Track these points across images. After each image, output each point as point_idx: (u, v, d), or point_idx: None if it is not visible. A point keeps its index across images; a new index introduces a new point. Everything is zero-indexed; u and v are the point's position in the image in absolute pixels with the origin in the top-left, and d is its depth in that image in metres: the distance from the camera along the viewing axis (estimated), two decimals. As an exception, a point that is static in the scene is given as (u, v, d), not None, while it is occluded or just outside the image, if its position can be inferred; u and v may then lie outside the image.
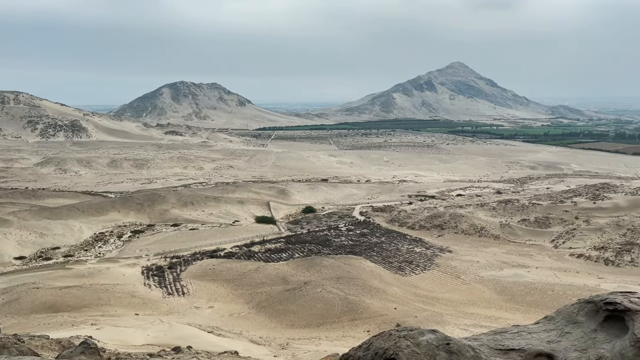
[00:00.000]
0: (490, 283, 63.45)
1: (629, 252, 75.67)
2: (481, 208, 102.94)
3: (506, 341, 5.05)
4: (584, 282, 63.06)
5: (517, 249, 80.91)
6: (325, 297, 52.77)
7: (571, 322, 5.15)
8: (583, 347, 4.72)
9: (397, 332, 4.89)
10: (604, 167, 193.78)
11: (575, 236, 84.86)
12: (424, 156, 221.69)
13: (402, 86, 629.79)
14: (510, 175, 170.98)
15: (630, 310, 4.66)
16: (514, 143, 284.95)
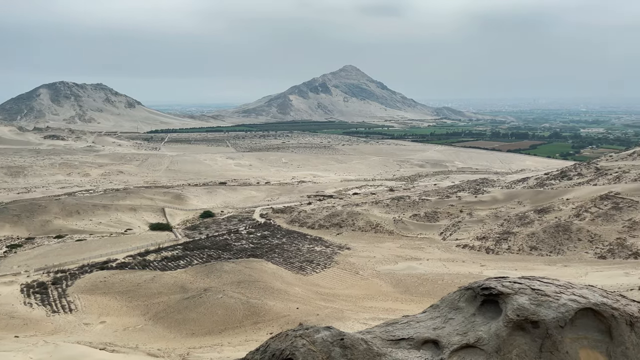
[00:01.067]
0: (386, 277, 66.39)
1: (505, 240, 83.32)
2: (376, 205, 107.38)
3: (397, 331, 5.31)
4: (469, 271, 68.26)
5: (409, 243, 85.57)
6: (226, 303, 51.80)
7: (454, 308, 5.55)
8: (464, 331, 5.11)
9: (294, 331, 4.94)
10: (483, 164, 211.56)
11: (461, 228, 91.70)
12: (321, 157, 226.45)
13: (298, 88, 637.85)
14: (401, 174, 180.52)
15: (503, 294, 5.13)
16: (404, 143, 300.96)
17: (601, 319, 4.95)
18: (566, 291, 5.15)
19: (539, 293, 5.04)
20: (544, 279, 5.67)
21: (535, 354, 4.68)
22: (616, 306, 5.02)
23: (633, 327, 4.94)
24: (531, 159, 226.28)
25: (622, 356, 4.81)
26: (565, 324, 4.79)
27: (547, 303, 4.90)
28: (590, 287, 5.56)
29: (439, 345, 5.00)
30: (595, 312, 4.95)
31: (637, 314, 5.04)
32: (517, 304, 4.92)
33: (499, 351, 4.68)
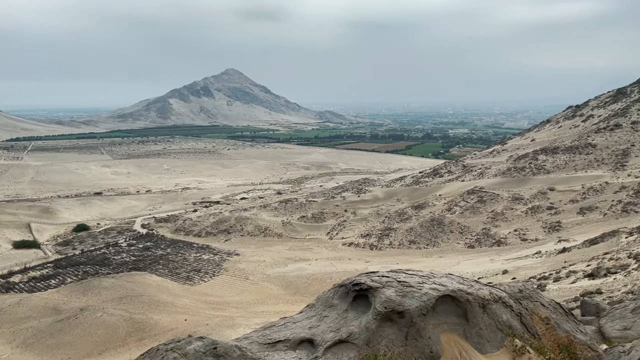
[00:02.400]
0: (276, 280, 66.61)
1: (387, 236, 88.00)
2: (264, 209, 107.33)
3: (274, 334, 5.37)
4: (355, 267, 70.96)
5: (298, 244, 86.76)
6: (107, 321, 48.34)
7: (328, 306, 5.75)
8: (337, 327, 5.32)
9: (165, 345, 4.75)
10: (365, 164, 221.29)
11: (346, 227, 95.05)
12: (206, 162, 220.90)
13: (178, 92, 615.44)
14: (288, 177, 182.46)
15: (372, 288, 5.43)
16: (290, 146, 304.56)
17: (458, 304, 5.46)
18: (428, 281, 5.59)
19: (404, 285, 5.42)
20: (409, 271, 6.08)
21: (401, 342, 5.01)
22: (470, 291, 5.56)
23: (485, 309, 5.51)
24: (407, 158, 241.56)
25: (477, 336, 5.34)
26: (427, 311, 5.21)
27: (411, 293, 5.29)
28: (449, 275, 6.08)
29: (314, 343, 5.15)
30: (453, 298, 5.44)
31: (488, 296, 5.62)
32: (385, 297, 5.24)
33: (369, 343, 4.95)
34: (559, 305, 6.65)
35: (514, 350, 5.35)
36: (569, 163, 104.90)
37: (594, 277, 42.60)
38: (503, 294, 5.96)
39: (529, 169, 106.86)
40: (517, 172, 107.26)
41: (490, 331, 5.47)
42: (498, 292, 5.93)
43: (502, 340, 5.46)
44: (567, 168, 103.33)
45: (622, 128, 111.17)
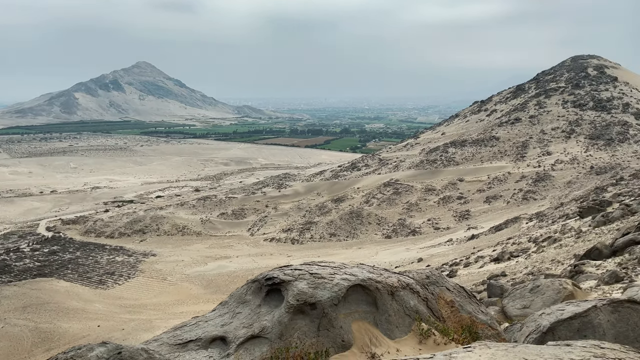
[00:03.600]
0: (196, 279, 65.06)
1: (308, 230, 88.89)
2: (182, 207, 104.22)
3: (185, 334, 5.25)
4: (277, 262, 71.02)
5: (219, 242, 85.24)
6: (9, 333, 44.73)
7: (241, 302, 5.72)
8: (250, 323, 5.31)
9: (64, 354, 4.47)
10: (285, 159, 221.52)
11: (267, 222, 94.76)
12: (118, 160, 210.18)
13: (85, 85, 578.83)
14: (206, 173, 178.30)
15: (285, 282, 5.48)
16: (207, 142, 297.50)
17: (368, 293, 5.66)
18: (339, 272, 5.74)
19: (316, 276, 5.52)
20: (322, 263, 6.20)
21: (314, 333, 5.11)
22: (380, 279, 5.79)
23: (394, 296, 5.76)
24: (326, 153, 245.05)
25: (386, 322, 5.57)
26: (338, 301, 5.34)
27: (323, 285, 5.40)
28: (359, 265, 6.28)
29: (227, 341, 5.10)
30: (364, 287, 5.63)
31: (396, 284, 5.88)
32: (297, 290, 5.31)
33: (282, 337, 4.99)
34: (463, 289, 7.10)
35: (421, 334, 5.65)
36: (476, 155, 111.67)
37: (499, 261, 45.80)
38: (411, 280, 6.26)
39: (440, 161, 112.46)
40: (430, 164, 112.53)
41: (398, 317, 5.72)
42: (406, 279, 6.22)
43: (410, 324, 5.73)
44: (475, 160, 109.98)
45: (521, 122, 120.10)
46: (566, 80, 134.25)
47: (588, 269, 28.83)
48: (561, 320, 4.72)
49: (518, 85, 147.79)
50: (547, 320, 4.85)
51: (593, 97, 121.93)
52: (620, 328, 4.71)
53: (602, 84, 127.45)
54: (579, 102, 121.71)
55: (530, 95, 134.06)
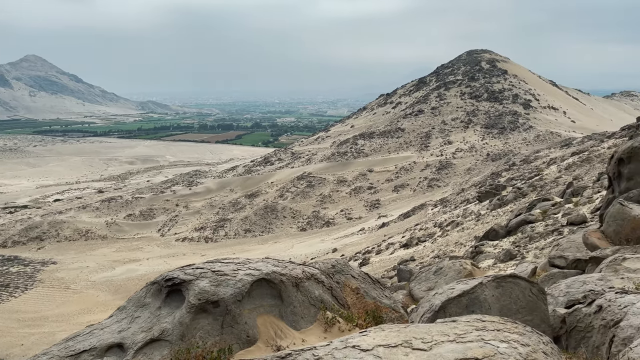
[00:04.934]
0: (103, 285, 61.62)
1: (222, 227, 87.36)
2: (84, 210, 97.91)
3: (78, 344, 4.96)
4: (191, 262, 69.11)
5: (127, 245, 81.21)
6: None
7: (140, 305, 5.52)
8: (149, 327, 5.13)
9: None
10: (194, 156, 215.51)
11: (178, 222, 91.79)
12: (8, 162, 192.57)
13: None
14: (110, 173, 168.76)
15: (185, 281, 5.36)
16: (110, 140, 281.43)
17: (273, 286, 5.69)
18: (243, 267, 5.71)
19: (219, 274, 5.46)
20: (226, 259, 6.14)
21: (217, 331, 5.05)
22: (284, 272, 5.85)
23: (298, 287, 5.85)
24: (238, 148, 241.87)
25: (291, 314, 5.65)
26: (242, 297, 5.32)
27: (225, 282, 5.34)
28: (265, 259, 6.30)
29: (124, 347, 4.89)
30: (268, 280, 5.65)
31: (301, 275, 5.97)
32: (199, 288, 5.21)
33: (183, 338, 4.88)
34: (368, 276, 7.38)
35: (326, 322, 5.79)
36: (383, 146, 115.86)
37: (408, 246, 48.04)
38: (315, 271, 6.38)
39: (351, 153, 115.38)
40: (340, 156, 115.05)
41: (304, 308, 5.82)
42: (311, 270, 6.33)
43: (315, 314, 5.85)
44: (382, 151, 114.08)
45: (424, 113, 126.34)
46: (463, 74, 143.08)
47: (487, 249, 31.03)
48: (451, 299, 5.07)
49: (420, 79, 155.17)
50: (438, 300, 5.19)
51: (487, 89, 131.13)
52: (504, 302, 5.16)
53: (495, 77, 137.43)
54: (474, 93, 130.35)
55: (432, 87, 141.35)
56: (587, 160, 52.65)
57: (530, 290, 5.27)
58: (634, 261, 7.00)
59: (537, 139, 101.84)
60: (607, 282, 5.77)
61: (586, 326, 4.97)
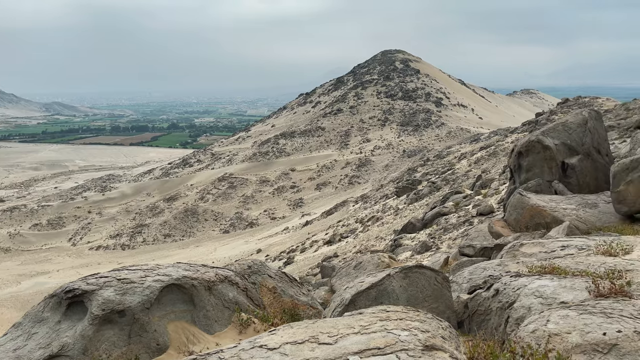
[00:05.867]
0: (9, 302, 56.95)
1: (140, 233, 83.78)
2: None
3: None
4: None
5: (34, 257, 75.56)
6: None
7: (38, 321, 5.18)
8: (48, 342, 4.83)
9: None
10: (107, 160, 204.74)
11: (92, 230, 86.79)
12: None
13: None
14: (11, 180, 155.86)
15: (88, 292, 5.10)
16: (10, 144, 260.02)
17: (184, 291, 5.56)
18: (152, 273, 5.53)
19: (125, 282, 5.24)
20: (133, 267, 5.92)
21: (124, 342, 4.86)
22: (196, 276, 5.74)
23: (211, 291, 5.76)
24: (155, 150, 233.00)
25: (204, 318, 5.55)
26: (151, 304, 5.15)
27: (132, 290, 5.15)
28: (175, 264, 6.14)
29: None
30: (179, 286, 5.52)
31: (214, 278, 5.89)
32: (102, 298, 4.97)
33: (86, 352, 4.64)
34: (285, 274, 7.43)
35: (241, 324, 5.76)
36: (305, 145, 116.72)
37: (331, 243, 48.80)
38: (229, 273, 6.32)
39: (272, 153, 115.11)
40: (262, 156, 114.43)
41: (217, 311, 5.74)
42: (224, 272, 6.25)
43: (230, 317, 5.79)
44: (304, 150, 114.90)
45: (343, 112, 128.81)
46: (378, 73, 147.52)
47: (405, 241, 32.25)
48: (361, 292, 5.24)
49: (338, 78, 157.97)
50: (349, 294, 5.34)
51: (401, 88, 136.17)
52: (411, 291, 5.41)
53: (408, 76, 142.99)
54: (390, 92, 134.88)
55: (349, 87, 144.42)
56: (493, 154, 56.29)
57: (435, 279, 5.57)
58: (530, 246, 7.61)
59: (449, 135, 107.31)
60: (504, 267, 6.23)
61: (485, 309, 5.34)
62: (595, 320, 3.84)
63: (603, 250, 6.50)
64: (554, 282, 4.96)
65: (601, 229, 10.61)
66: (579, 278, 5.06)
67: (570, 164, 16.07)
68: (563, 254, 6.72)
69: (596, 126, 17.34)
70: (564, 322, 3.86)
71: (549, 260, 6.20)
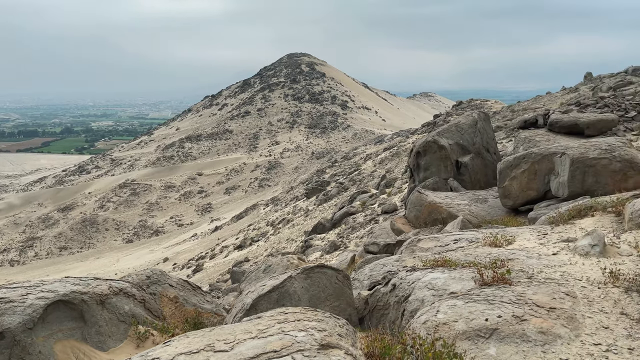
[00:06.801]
0: None
1: (31, 247, 77.13)
2: None
3: None
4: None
5: None
6: None
7: None
8: None
9: None
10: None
11: (-27, 246, 78.52)
12: None
13: None
14: None
15: None
16: None
17: (73, 307, 5.21)
18: (35, 290, 5.13)
19: (3, 301, 4.80)
20: (14, 284, 5.46)
21: None
22: (86, 290, 5.40)
23: (104, 305, 5.46)
24: (46, 157, 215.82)
25: (97, 335, 5.24)
26: (34, 324, 4.77)
27: (12, 309, 4.73)
28: (63, 279, 5.75)
29: None
30: (66, 302, 5.16)
31: (107, 291, 5.59)
32: (-26, 323, 4.51)
33: None
34: (187, 282, 7.21)
35: (138, 338, 5.50)
36: (212, 148, 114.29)
37: (242, 247, 48.21)
38: (125, 285, 6.02)
39: (178, 157, 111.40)
40: (167, 160, 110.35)
41: (111, 326, 5.44)
42: (119, 285, 5.95)
43: (126, 331, 5.52)
44: (211, 153, 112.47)
45: (251, 115, 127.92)
46: (285, 76, 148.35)
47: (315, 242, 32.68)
48: (262, 295, 5.24)
49: (245, 80, 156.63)
50: (250, 298, 5.32)
51: (308, 90, 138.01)
52: (313, 292, 5.51)
53: (314, 79, 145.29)
54: (297, 95, 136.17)
55: (256, 89, 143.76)
56: (396, 155, 58.85)
57: (336, 278, 5.72)
58: (427, 241, 8.06)
59: (355, 137, 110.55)
60: (402, 262, 6.55)
61: (384, 304, 5.57)
62: (479, 307, 4.17)
63: (489, 242, 7.05)
64: (444, 274, 5.30)
65: (490, 222, 11.48)
66: (467, 269, 5.45)
67: (463, 162, 17.25)
68: (455, 247, 7.19)
69: (485, 127, 18.77)
70: (452, 311, 4.15)
71: (441, 253, 6.61)
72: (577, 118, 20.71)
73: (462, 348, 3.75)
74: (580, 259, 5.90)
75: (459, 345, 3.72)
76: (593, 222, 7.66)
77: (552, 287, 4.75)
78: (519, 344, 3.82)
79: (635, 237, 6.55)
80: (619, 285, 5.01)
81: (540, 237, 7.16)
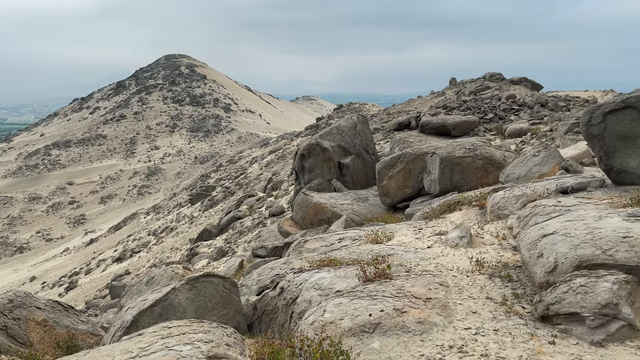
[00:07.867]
0: None
1: None
2: None
3: None
4: None
5: None
6: None
7: None
8: None
9: None
10: None
11: None
12: None
13: None
14: None
15: None
16: None
17: None
18: None
19: None
20: None
21: None
22: None
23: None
24: None
25: None
26: None
27: None
28: None
29: None
30: None
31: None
32: None
33: None
34: (58, 303, 6.60)
35: (-1, 370, 4.93)
36: (83, 155, 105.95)
37: (121, 260, 45.27)
38: (-19, 312, 5.36)
39: (44, 165, 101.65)
40: (30, 170, 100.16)
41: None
42: (-27, 313, 5.28)
43: (-15, 364, 4.91)
44: (83, 160, 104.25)
45: (127, 118, 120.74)
46: (163, 78, 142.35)
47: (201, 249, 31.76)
48: (143, 311, 4.97)
49: (119, 82, 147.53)
50: (130, 314, 5.02)
51: (189, 93, 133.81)
52: (199, 302, 5.35)
53: (195, 82, 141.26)
54: (177, 98, 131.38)
55: (132, 91, 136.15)
56: (282, 157, 59.36)
57: (223, 286, 5.60)
58: (313, 242, 8.23)
59: (240, 140, 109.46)
60: (289, 264, 6.61)
61: (273, 308, 5.58)
62: (364, 303, 4.35)
63: (371, 239, 7.40)
64: (330, 273, 5.45)
65: (371, 220, 12.05)
66: (352, 267, 5.66)
67: (345, 164, 17.92)
68: (340, 246, 7.44)
69: (364, 129, 19.67)
70: (338, 309, 4.28)
71: (327, 253, 6.79)
72: (444, 120, 22.55)
73: (349, 345, 3.89)
74: (451, 251, 6.43)
75: (345, 343, 3.85)
76: (461, 216, 8.40)
77: (427, 279, 5.11)
78: (400, 335, 4.05)
79: (496, 227, 7.31)
80: (484, 272, 5.55)
81: (416, 232, 7.69)
